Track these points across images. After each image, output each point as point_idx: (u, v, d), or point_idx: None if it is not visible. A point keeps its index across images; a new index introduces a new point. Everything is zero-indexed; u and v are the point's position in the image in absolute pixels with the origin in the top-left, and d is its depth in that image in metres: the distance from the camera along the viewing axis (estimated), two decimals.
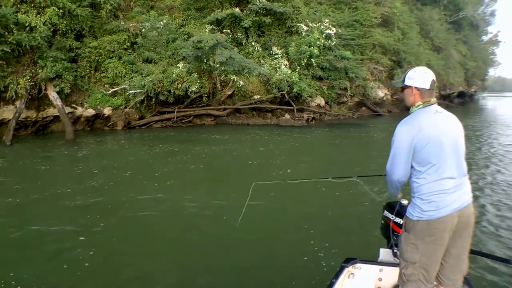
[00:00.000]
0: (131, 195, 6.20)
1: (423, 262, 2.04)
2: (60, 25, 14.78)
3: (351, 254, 2.65)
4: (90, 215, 5.29)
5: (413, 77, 2.15)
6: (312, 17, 18.90)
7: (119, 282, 3.60)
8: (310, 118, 17.07)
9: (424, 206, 2.03)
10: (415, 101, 2.15)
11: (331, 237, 4.45)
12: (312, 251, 4.03)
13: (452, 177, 2.03)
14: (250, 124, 16.35)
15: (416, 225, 2.06)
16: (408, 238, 2.09)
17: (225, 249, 4.21)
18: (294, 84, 16.46)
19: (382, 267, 2.49)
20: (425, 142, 2.00)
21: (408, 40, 23.38)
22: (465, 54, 35.00)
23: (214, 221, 5.09)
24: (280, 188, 6.01)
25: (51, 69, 13.99)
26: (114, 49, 16.07)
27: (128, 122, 15.64)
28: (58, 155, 10.37)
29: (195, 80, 14.71)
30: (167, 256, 4.09)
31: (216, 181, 7.50)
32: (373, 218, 3.21)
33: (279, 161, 8.96)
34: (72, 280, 3.60)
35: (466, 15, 36.21)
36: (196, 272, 3.70)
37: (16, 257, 4.05)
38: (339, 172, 6.01)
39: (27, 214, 5.43)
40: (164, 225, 5.02)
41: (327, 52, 18.31)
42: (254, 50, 18.29)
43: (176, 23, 17.82)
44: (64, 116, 13.41)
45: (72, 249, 4.21)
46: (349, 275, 2.47)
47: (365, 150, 11.03)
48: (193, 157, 9.58)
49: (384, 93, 21.90)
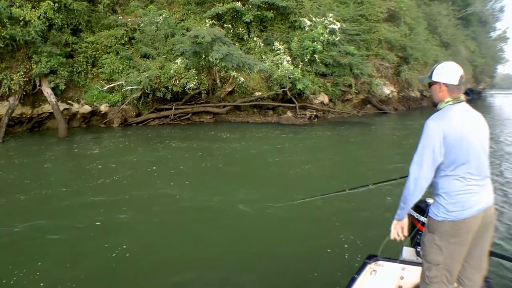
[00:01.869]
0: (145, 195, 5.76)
1: (447, 264, 2.01)
2: (55, 20, 14.40)
3: (375, 250, 2.66)
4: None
5: (441, 73, 2.09)
6: (315, 12, 18.30)
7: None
8: (313, 116, 16.52)
9: (449, 206, 1.99)
10: (443, 97, 2.08)
11: (356, 231, 4.40)
12: (338, 244, 4.06)
13: (477, 177, 1.99)
14: (250, 122, 15.84)
15: (441, 226, 2.02)
16: (432, 239, 2.04)
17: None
18: (297, 80, 15.88)
19: (404, 266, 2.48)
20: (455, 140, 1.94)
21: (415, 35, 22.72)
22: (473, 51, 34.24)
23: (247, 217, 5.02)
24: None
25: (45, 64, 13.63)
26: (111, 44, 15.67)
27: (124, 119, 15.22)
28: (45, 154, 9.86)
29: (193, 76, 14.20)
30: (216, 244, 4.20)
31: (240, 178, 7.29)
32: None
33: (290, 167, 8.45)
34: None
35: (475, 11, 35.52)
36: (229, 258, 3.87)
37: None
38: (351, 177, 6.28)
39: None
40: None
41: (331, 48, 17.72)
42: (256, 45, 17.77)
43: (175, 17, 17.35)
44: (57, 112, 13.02)
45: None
46: (371, 272, 2.47)
47: (373, 151, 10.40)
48: (203, 155, 9.20)
49: (390, 90, 21.26)
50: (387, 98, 21.35)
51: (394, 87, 21.89)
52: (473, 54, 34.02)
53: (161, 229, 4.72)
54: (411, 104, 24.72)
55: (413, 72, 21.53)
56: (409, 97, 24.12)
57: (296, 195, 5.57)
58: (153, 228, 4.75)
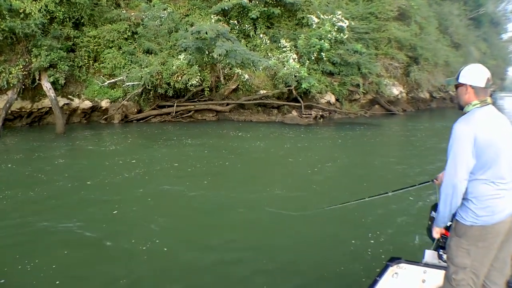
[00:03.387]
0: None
1: (474, 268, 2.01)
2: (57, 13, 14.11)
3: (398, 252, 2.68)
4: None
5: (468, 75, 2.08)
6: (324, 9, 17.77)
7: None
8: (319, 116, 16.01)
9: (479, 211, 1.98)
10: (470, 100, 2.07)
11: (381, 231, 4.32)
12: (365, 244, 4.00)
13: (506, 182, 1.98)
14: (254, 121, 15.36)
15: (469, 231, 2.01)
16: (460, 243, 2.04)
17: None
18: (303, 79, 15.39)
19: (426, 269, 2.47)
20: (484, 144, 1.93)
21: (425, 35, 22.04)
22: (484, 52, 33.57)
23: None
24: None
25: (45, 58, 13.34)
26: (114, 38, 15.33)
27: (125, 116, 14.86)
28: (38, 151, 9.48)
29: (195, 72, 13.75)
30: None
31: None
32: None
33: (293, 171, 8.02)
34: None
35: (487, 11, 34.79)
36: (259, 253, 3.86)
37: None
38: (369, 182, 6.13)
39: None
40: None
41: (339, 46, 17.19)
42: (262, 42, 17.30)
43: (180, 12, 16.94)
44: (56, 107, 12.69)
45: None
46: (393, 274, 2.48)
47: (385, 153, 9.81)
48: (210, 153, 8.79)
49: (399, 90, 20.65)
50: (396, 99, 20.76)
51: (403, 88, 21.28)
52: (484, 55, 33.32)
53: (185, 229, 4.58)
54: (420, 105, 24.10)
55: (423, 73, 20.93)
56: (418, 98, 23.51)
57: (324, 198, 5.55)
58: (171, 229, 4.55)
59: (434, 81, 22.10)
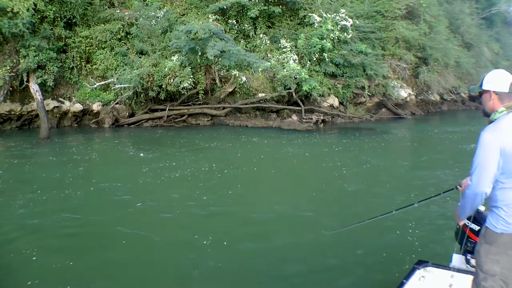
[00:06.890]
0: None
1: (504, 275, 2.00)
2: (47, 12, 13.58)
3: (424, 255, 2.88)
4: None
5: (491, 81, 2.07)
6: (327, 7, 16.92)
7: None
8: (320, 121, 15.14)
9: (509, 218, 1.98)
10: (495, 106, 2.05)
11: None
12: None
13: None
14: (249, 126, 14.50)
15: (500, 238, 2.00)
16: (489, 250, 2.03)
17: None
18: (303, 81, 14.56)
19: (454, 273, 2.44)
20: None
21: (435, 35, 20.96)
22: (497, 52, 32.34)
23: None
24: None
25: (33, 59, 12.87)
26: (106, 39, 14.75)
27: (116, 120, 14.24)
28: (12, 157, 8.85)
29: (187, 74, 13.00)
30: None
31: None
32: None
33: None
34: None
35: (499, 11, 33.61)
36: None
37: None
38: (394, 194, 5.96)
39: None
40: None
41: (342, 46, 16.32)
42: (262, 43, 16.54)
43: (176, 12, 16.28)
44: (41, 111, 12.15)
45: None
46: (420, 278, 2.47)
47: (397, 161, 8.93)
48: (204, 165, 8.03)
49: (407, 93, 19.64)
50: (404, 102, 19.78)
51: (412, 90, 20.27)
52: (497, 56, 32.13)
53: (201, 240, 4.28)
54: (430, 108, 23.03)
55: (433, 74, 19.90)
56: (428, 101, 22.46)
57: (343, 211, 5.41)
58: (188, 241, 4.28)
59: (444, 83, 21.10)
